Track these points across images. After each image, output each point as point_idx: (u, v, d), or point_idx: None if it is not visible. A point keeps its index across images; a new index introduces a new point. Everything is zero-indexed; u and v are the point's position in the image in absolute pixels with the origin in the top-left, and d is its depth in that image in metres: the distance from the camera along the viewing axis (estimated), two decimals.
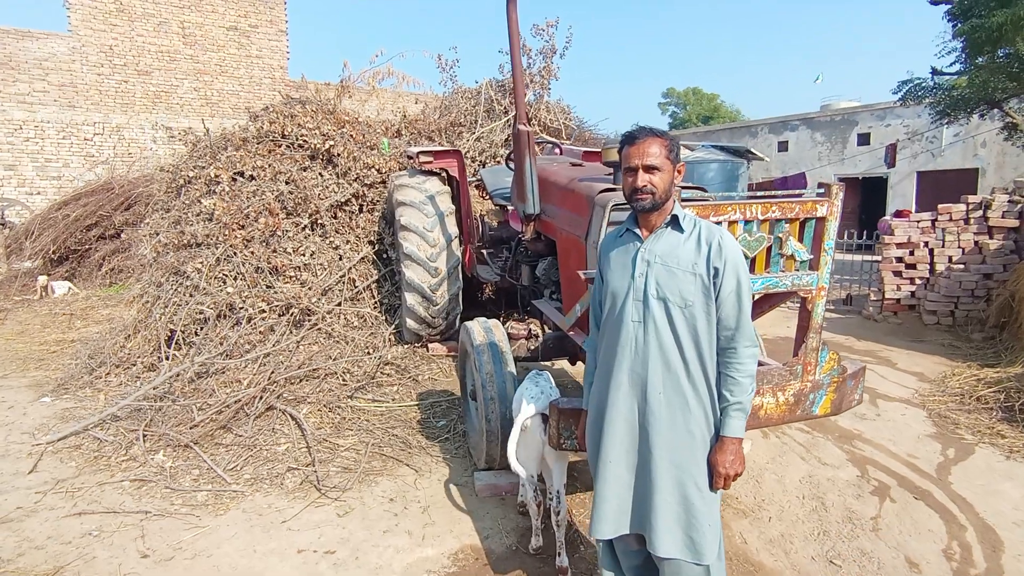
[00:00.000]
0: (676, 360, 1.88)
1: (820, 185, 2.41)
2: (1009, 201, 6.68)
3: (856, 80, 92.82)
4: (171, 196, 6.29)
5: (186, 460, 3.66)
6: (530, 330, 3.61)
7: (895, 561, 2.83)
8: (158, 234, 5.80)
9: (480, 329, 3.45)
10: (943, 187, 17.31)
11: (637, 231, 1.97)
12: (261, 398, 4.23)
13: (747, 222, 2.39)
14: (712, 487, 1.91)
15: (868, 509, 3.24)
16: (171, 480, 3.43)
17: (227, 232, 5.32)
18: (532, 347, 3.64)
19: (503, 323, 4.20)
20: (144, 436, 3.86)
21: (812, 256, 2.50)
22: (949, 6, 9.36)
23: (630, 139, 1.92)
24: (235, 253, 5.24)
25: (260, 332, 4.99)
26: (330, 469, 3.56)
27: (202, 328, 5.03)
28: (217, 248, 5.26)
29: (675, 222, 1.92)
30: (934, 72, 10.22)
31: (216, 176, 5.78)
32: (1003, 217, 6.68)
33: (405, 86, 9.72)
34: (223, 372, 4.58)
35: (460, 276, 5.27)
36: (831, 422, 4.25)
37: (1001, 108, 9.59)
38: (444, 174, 5.55)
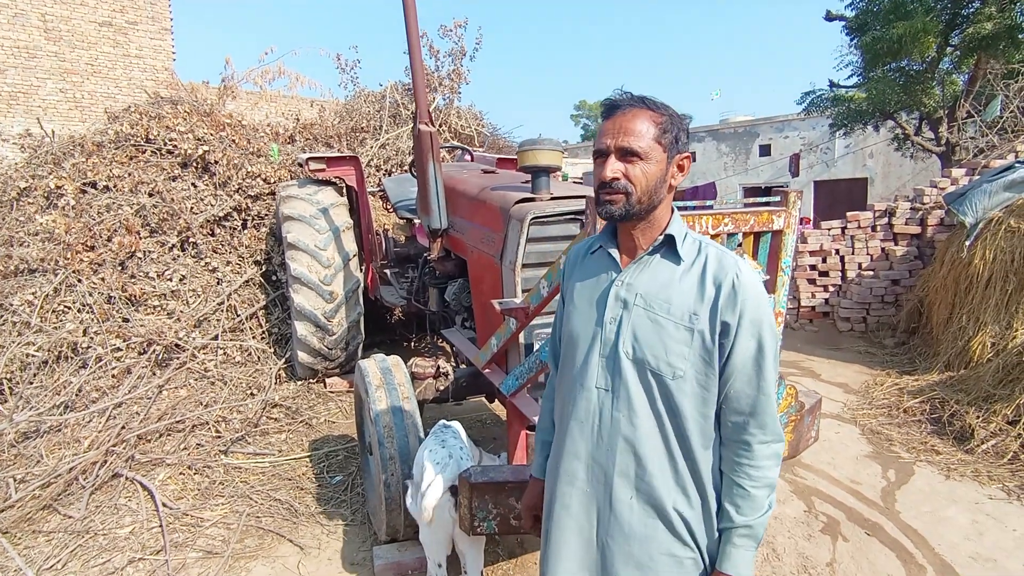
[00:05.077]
0: (657, 454, 1.26)
1: (776, 192, 2.02)
2: (911, 208, 6.84)
3: (750, 95, 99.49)
4: (1, 212, 5.20)
5: None
6: (438, 368, 3.02)
7: None
8: None
9: (376, 369, 2.84)
10: (837, 195, 18.40)
11: (613, 252, 1.33)
12: (104, 463, 3.38)
13: None
14: None
15: (822, 552, 2.91)
16: None
17: (70, 255, 4.38)
18: (442, 387, 3.07)
19: (413, 353, 3.61)
20: None
21: (768, 276, 2.10)
22: (845, 21, 9.76)
23: (609, 109, 1.27)
24: (80, 280, 4.32)
25: (113, 376, 4.11)
26: (188, 557, 2.81)
27: (36, 375, 4.07)
28: (56, 275, 4.31)
29: (670, 244, 1.28)
30: (832, 85, 10.64)
31: (59, 187, 4.80)
32: (906, 224, 6.83)
33: (300, 88, 8.91)
34: (59, 430, 3.68)
35: (360, 300, 4.61)
36: None
37: (894, 119, 10.08)
38: (340, 184, 4.88)
